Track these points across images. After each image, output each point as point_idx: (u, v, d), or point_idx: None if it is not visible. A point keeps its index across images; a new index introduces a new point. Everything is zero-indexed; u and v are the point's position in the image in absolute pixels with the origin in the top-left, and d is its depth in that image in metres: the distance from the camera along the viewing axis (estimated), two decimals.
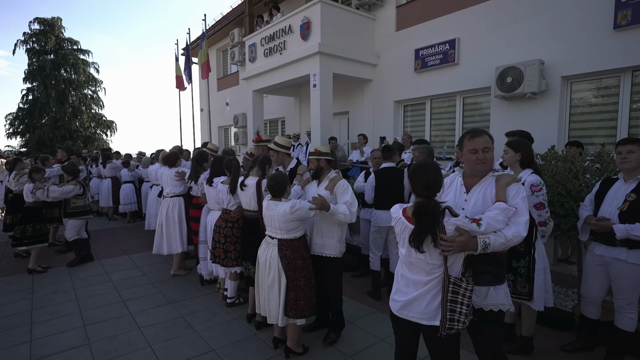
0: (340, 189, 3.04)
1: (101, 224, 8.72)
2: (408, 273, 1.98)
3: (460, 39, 6.80)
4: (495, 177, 2.05)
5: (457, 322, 1.83)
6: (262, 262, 2.98)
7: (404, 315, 1.98)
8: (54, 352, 3.13)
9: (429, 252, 1.86)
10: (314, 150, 3.19)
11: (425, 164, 1.98)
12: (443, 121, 7.64)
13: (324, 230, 3.11)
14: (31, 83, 22.11)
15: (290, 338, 3.00)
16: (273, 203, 2.89)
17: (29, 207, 5.29)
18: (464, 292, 1.82)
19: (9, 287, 4.70)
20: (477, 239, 1.82)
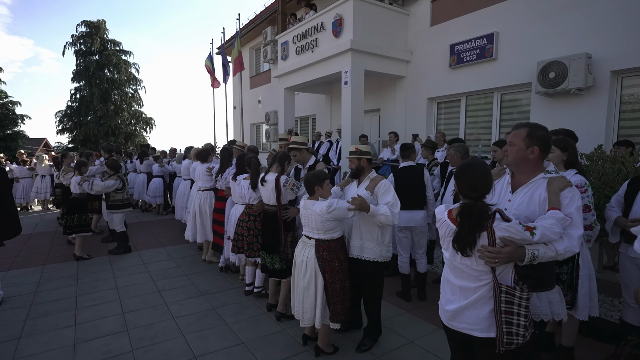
0: (381, 189, 2.93)
1: (138, 216, 9.15)
2: (454, 279, 1.84)
3: (499, 32, 6.52)
4: (547, 180, 1.86)
5: (517, 335, 1.65)
6: (299, 263, 2.93)
7: (454, 326, 1.83)
8: (96, 337, 3.31)
9: (475, 257, 1.72)
10: (354, 149, 3.11)
11: (473, 162, 1.82)
12: (479, 119, 7.37)
13: (363, 231, 3.00)
14: (78, 82, 23.50)
15: (321, 338, 2.97)
16: (310, 202, 2.86)
17: (74, 199, 5.65)
18: (519, 301, 1.65)
19: (58, 273, 5.03)
20: (525, 249, 1.66)
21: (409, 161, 4.19)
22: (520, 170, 1.95)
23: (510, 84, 6.49)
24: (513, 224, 1.65)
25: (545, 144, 1.89)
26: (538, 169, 1.92)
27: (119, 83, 24.09)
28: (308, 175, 2.90)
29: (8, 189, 4.15)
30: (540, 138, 1.87)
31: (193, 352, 3.05)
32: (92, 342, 3.23)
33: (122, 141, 23.53)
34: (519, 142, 1.90)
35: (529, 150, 1.88)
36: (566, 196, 1.80)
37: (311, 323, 2.88)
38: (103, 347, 3.14)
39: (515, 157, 1.93)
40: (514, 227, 1.64)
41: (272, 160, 3.77)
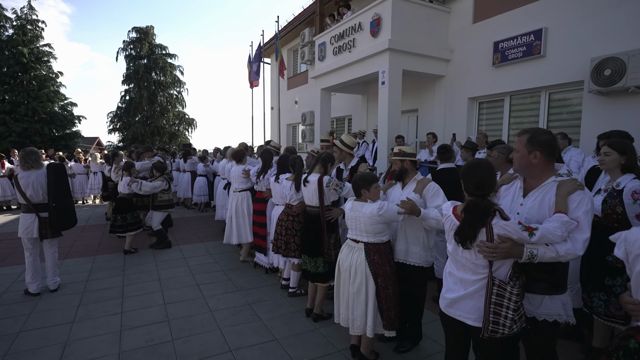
0: (430, 192, 2.83)
1: (182, 213, 9.57)
2: (455, 271, 1.99)
3: (548, 28, 6.16)
4: (557, 183, 1.89)
5: (503, 326, 1.78)
6: (345, 268, 2.80)
7: (451, 313, 1.99)
8: (140, 325, 3.51)
9: (474, 251, 1.85)
10: (398, 151, 3.03)
11: (478, 162, 1.95)
12: (524, 119, 7.01)
13: (409, 236, 2.91)
14: (128, 85, 24.97)
15: (365, 345, 2.86)
16: (359, 204, 2.77)
17: (122, 198, 5.96)
18: (510, 295, 1.77)
19: (107, 264, 5.38)
20: (523, 247, 1.76)
21: (449, 163, 4.07)
22: (528, 175, 2.00)
23: (559, 82, 6.12)
24: (510, 223, 1.75)
25: (548, 148, 1.90)
26: (547, 173, 1.94)
27: (164, 85, 25.31)
28: (356, 177, 2.84)
29: (67, 184, 4.47)
30: (542, 143, 1.90)
31: (229, 345, 3.15)
32: (136, 329, 3.42)
33: (166, 140, 24.72)
34: (522, 148, 1.95)
35: (531, 156, 1.92)
36: (574, 199, 1.80)
37: (362, 331, 2.75)
38: (146, 335, 3.32)
39: (520, 163, 1.98)
40: (511, 226, 1.75)
41: (314, 161, 3.73)
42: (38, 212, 4.15)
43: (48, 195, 4.19)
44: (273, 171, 4.56)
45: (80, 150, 12.10)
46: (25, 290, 4.23)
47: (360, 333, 2.77)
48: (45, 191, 4.19)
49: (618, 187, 2.61)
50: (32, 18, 19.79)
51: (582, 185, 1.85)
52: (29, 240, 4.20)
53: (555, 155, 1.95)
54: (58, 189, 4.21)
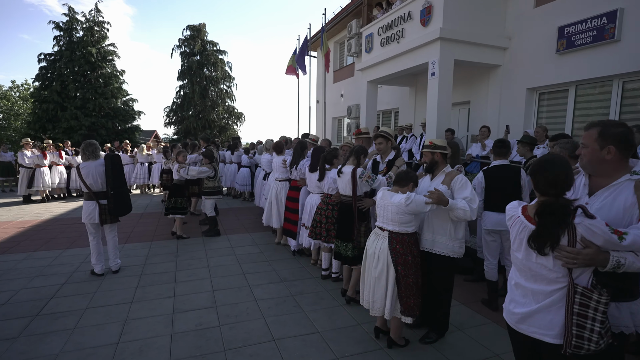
0: (458, 184, 2.90)
1: (229, 203, 9.96)
2: (524, 282, 1.74)
3: (625, 9, 5.52)
4: (634, 182, 1.66)
5: (589, 341, 1.54)
6: (370, 254, 2.97)
7: (522, 330, 1.74)
8: (190, 309, 3.70)
9: (552, 257, 1.60)
10: (428, 143, 3.10)
11: (551, 158, 1.70)
12: (591, 111, 6.38)
13: (435, 225, 2.98)
14: (182, 81, 26.31)
15: (394, 330, 3.00)
16: (389, 193, 2.91)
17: (175, 184, 6.38)
18: (596, 305, 1.53)
19: (161, 249, 5.74)
20: (608, 255, 1.52)
21: (503, 159, 3.83)
22: (599, 172, 1.77)
23: (636, 69, 5.47)
24: (597, 222, 1.51)
25: (624, 141, 1.69)
26: (621, 170, 1.72)
27: (215, 80, 26.35)
28: (399, 173, 2.99)
29: (122, 173, 4.76)
30: (615, 136, 1.68)
31: (272, 334, 3.22)
32: (187, 313, 3.61)
33: (216, 134, 25.79)
34: (592, 143, 1.75)
35: (604, 151, 1.71)
36: None
37: (380, 313, 2.92)
38: (196, 319, 3.49)
39: (590, 159, 1.77)
40: (599, 226, 1.51)
41: (349, 154, 3.91)
42: (98, 199, 4.50)
43: (106, 184, 4.52)
44: (306, 161, 4.95)
45: (128, 142, 12.96)
46: (92, 270, 4.63)
47: (379, 314, 2.94)
48: (103, 180, 4.52)
49: None
50: (99, 20, 21.43)
51: None
52: (92, 225, 4.55)
53: (631, 151, 1.72)
54: (115, 177, 4.53)
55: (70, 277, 4.56)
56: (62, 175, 10.65)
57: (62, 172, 10.66)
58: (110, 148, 12.31)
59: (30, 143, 10.33)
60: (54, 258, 5.29)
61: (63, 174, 10.69)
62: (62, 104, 19.86)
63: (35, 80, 20.94)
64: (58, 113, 19.65)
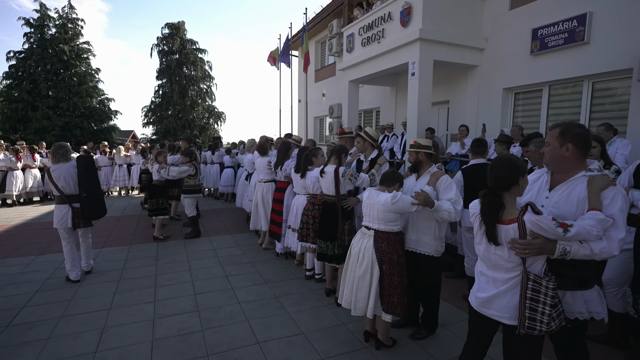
0: (443, 185, 2.93)
1: (210, 204, 9.82)
2: (487, 271, 1.97)
3: (593, 13, 5.74)
4: (587, 178, 1.85)
5: (540, 323, 1.74)
6: (355, 252, 2.97)
7: (484, 312, 1.97)
8: (172, 314, 3.62)
9: (507, 249, 1.82)
10: (413, 143, 3.12)
11: (504, 158, 1.93)
12: (564, 110, 6.61)
13: (420, 225, 3.01)
14: (161, 80, 25.77)
15: (381, 332, 3.00)
16: (375, 192, 2.92)
17: (155, 185, 6.25)
18: (546, 290, 1.73)
19: (141, 253, 5.60)
20: (556, 243, 1.72)
21: (481, 158, 3.91)
22: (558, 168, 1.96)
23: (604, 70, 5.71)
24: (543, 218, 1.69)
25: (581, 141, 1.87)
26: (578, 167, 1.91)
27: (195, 80, 25.93)
28: (386, 173, 2.99)
29: (95, 174, 4.65)
30: (574, 135, 1.87)
31: (257, 337, 3.19)
32: (169, 318, 3.54)
33: (196, 134, 25.37)
34: (553, 141, 1.93)
35: (563, 149, 1.89)
36: (607, 196, 1.77)
37: (363, 312, 2.92)
38: (177, 324, 3.42)
39: (551, 156, 1.95)
40: (545, 222, 1.68)
41: (330, 153, 3.95)
42: (71, 202, 4.37)
43: (79, 187, 4.40)
44: (291, 162, 4.90)
45: (106, 143, 12.57)
46: (67, 277, 4.48)
47: (362, 314, 2.93)
48: (75, 182, 4.40)
49: None
50: (72, 17, 20.72)
51: (614, 181, 1.83)
52: (64, 230, 4.40)
53: (588, 150, 1.92)
54: (88, 180, 4.42)
55: (43, 284, 4.39)
56: (36, 178, 10.25)
57: (36, 175, 10.25)
58: (85, 150, 11.91)
59: (2, 145, 9.88)
60: (25, 265, 5.08)
61: (37, 177, 10.29)
62: (33, 104, 19.13)
63: (5, 78, 20.06)
64: (29, 113, 18.90)
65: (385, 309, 2.84)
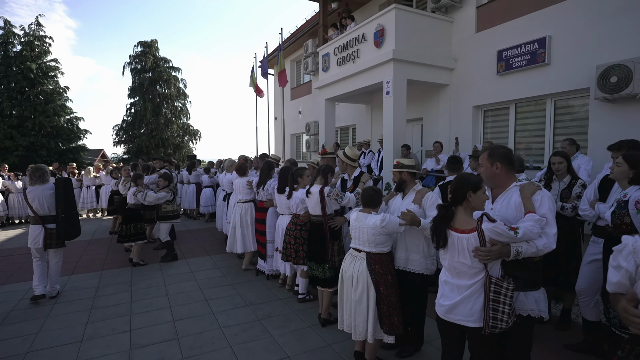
0: (429, 202, 2.95)
1: (187, 224, 9.56)
2: (451, 279, 2.14)
3: (552, 36, 6.16)
4: (518, 187, 2.19)
5: (500, 321, 1.95)
6: (348, 276, 2.90)
7: (450, 318, 2.12)
8: (149, 343, 3.47)
9: (470, 256, 2.01)
10: (396, 163, 3.16)
11: (457, 177, 2.21)
12: (530, 127, 6.98)
13: (408, 244, 3.00)
14: (133, 98, 25.23)
15: (369, 352, 2.93)
16: (363, 215, 2.89)
17: (130, 209, 6.01)
18: (506, 291, 1.95)
19: (114, 279, 5.36)
20: (510, 247, 1.96)
21: (456, 174, 4.04)
22: (494, 184, 2.28)
23: (565, 89, 6.10)
24: (498, 224, 1.95)
25: (507, 159, 2.22)
26: (509, 180, 2.24)
27: (169, 98, 25.54)
28: (367, 195, 2.94)
29: (72, 196, 4.67)
30: (499, 155, 2.22)
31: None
32: (146, 348, 3.38)
33: (171, 152, 24.84)
34: (485, 162, 2.27)
35: (494, 167, 2.22)
36: (536, 199, 2.10)
37: (363, 337, 2.85)
38: (156, 354, 3.27)
39: (485, 174, 2.27)
40: (500, 227, 1.93)
41: (316, 173, 3.96)
42: (45, 223, 4.46)
43: (56, 208, 4.49)
44: (273, 182, 4.88)
45: (74, 165, 12.06)
46: (33, 296, 4.45)
47: (363, 338, 2.88)
48: (50, 204, 4.49)
49: (625, 198, 2.59)
50: (40, 34, 20.13)
51: (539, 187, 2.15)
52: (36, 250, 4.50)
53: (513, 165, 2.26)
54: (66, 201, 4.50)
55: (6, 317, 4.10)
56: None
57: None
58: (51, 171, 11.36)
59: None
60: None
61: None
62: None
63: None
64: None
65: (386, 330, 2.79)
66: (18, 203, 10.06)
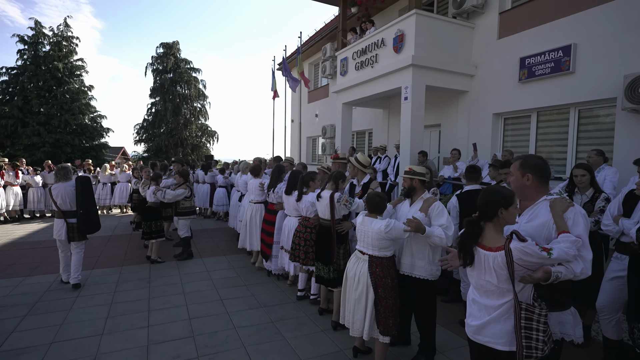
0: (435, 211, 3.00)
1: (202, 224, 9.73)
2: (479, 298, 2.01)
3: (578, 44, 6.03)
4: (548, 202, 2.02)
5: (536, 349, 1.79)
6: (351, 276, 3.06)
7: (478, 340, 1.99)
8: (166, 340, 3.55)
9: (497, 275, 1.86)
10: (408, 169, 3.22)
11: (487, 190, 2.06)
12: (552, 136, 6.83)
13: (414, 250, 3.08)
14: (154, 98, 25.82)
15: (378, 355, 3.01)
16: (369, 219, 3.00)
17: (150, 207, 6.17)
18: (538, 317, 1.79)
19: (133, 275, 5.51)
20: (551, 272, 1.78)
21: (475, 184, 4.01)
22: (523, 196, 2.14)
23: (590, 99, 5.95)
24: (528, 244, 1.77)
25: (538, 170, 2.07)
26: (540, 193, 2.09)
27: (188, 98, 26.04)
28: (372, 200, 3.04)
29: (91, 193, 5.06)
30: (532, 166, 2.07)
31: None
32: (163, 344, 3.47)
33: (188, 152, 25.30)
34: (516, 171, 2.13)
35: (524, 178, 2.08)
36: (569, 217, 1.93)
37: (360, 334, 3.00)
38: (172, 350, 3.35)
39: (515, 185, 2.15)
40: (530, 247, 1.76)
41: (327, 179, 4.08)
42: (66, 218, 4.85)
43: (76, 204, 4.85)
44: (283, 185, 5.03)
45: (90, 162, 12.41)
46: (61, 279, 5.04)
47: (359, 335, 3.02)
48: (72, 200, 4.87)
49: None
50: (67, 35, 20.84)
51: (572, 203, 2.00)
52: (60, 242, 4.94)
53: (546, 178, 2.10)
54: (84, 198, 4.87)
55: (32, 308, 4.27)
56: (17, 196, 10.02)
57: (17, 193, 10.03)
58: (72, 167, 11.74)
59: None
60: (13, 287, 4.95)
61: (19, 194, 10.06)
62: (24, 120, 18.93)
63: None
64: (19, 129, 18.69)
65: (381, 331, 2.90)
66: (37, 197, 10.43)
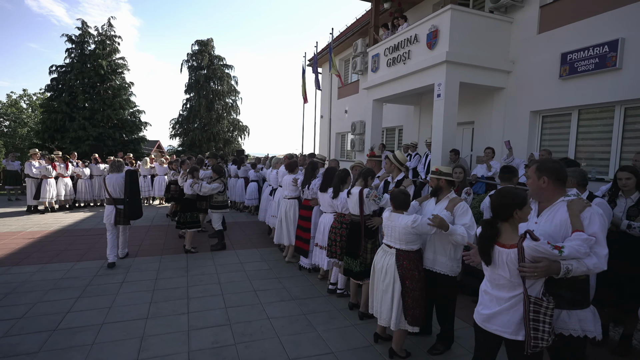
0: (459, 210, 3.12)
1: (235, 217, 10.06)
2: (491, 290, 2.15)
3: (626, 39, 5.72)
4: (566, 203, 2.12)
5: (541, 340, 1.93)
6: (379, 268, 3.22)
7: (487, 327, 2.14)
8: (205, 326, 3.78)
9: (509, 269, 1.99)
10: (435, 170, 3.32)
11: (502, 191, 2.18)
12: (594, 135, 6.54)
13: (437, 246, 3.21)
14: (189, 94, 26.71)
15: (395, 341, 3.20)
16: (395, 215, 3.15)
17: (187, 199, 6.51)
18: (545, 310, 1.93)
19: (172, 264, 5.83)
20: (560, 264, 1.91)
21: (509, 184, 3.96)
22: (541, 198, 2.24)
23: (638, 97, 5.64)
24: (540, 243, 1.90)
25: (554, 173, 2.16)
26: (557, 195, 2.19)
27: (221, 94, 26.74)
28: (397, 198, 3.19)
29: (137, 184, 5.76)
30: (548, 169, 2.18)
31: (287, 354, 3.29)
32: (202, 330, 3.69)
33: (220, 147, 26.02)
34: (532, 175, 2.25)
35: (540, 181, 2.19)
36: (585, 217, 2.03)
37: (387, 324, 3.14)
38: (211, 337, 3.57)
39: (532, 187, 2.27)
40: (542, 246, 1.89)
41: (357, 176, 4.19)
42: (116, 204, 5.64)
43: (124, 193, 5.60)
44: (317, 181, 5.15)
45: (131, 155, 13.08)
46: (108, 264, 5.60)
47: (386, 325, 3.16)
48: (121, 189, 5.64)
49: None
50: (110, 34, 21.91)
51: (589, 203, 2.09)
52: (109, 224, 5.68)
53: (563, 181, 2.19)
54: (131, 188, 5.60)
55: (84, 291, 4.65)
56: (67, 186, 10.75)
57: (67, 184, 10.76)
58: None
59: (38, 154, 10.46)
60: (66, 271, 5.38)
61: (68, 185, 10.79)
62: (71, 115, 20.17)
63: (46, 90, 21.35)
64: (66, 123, 19.94)
65: (410, 321, 3.05)
66: (85, 188, 11.20)
